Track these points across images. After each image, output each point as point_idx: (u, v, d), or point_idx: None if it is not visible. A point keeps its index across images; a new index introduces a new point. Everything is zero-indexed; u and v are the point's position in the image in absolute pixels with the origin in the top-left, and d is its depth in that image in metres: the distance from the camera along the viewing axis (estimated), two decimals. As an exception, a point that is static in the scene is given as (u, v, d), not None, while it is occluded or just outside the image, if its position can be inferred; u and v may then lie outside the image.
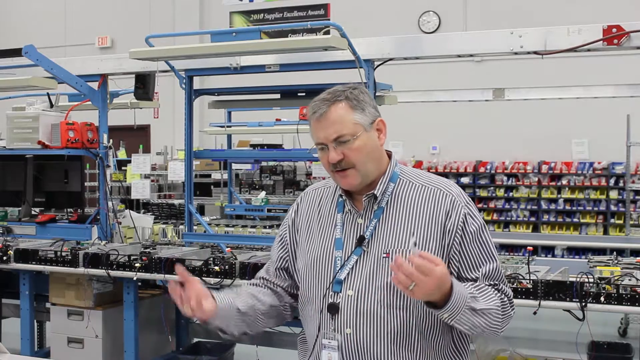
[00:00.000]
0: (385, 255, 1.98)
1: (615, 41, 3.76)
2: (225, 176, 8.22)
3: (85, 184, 6.99)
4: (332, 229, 2.08)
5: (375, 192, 2.04)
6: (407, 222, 2.01)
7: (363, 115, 2.00)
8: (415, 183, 2.07)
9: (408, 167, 2.16)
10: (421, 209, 2.01)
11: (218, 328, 2.10)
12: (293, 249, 2.18)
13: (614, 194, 10.55)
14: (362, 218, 2.05)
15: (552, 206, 10.91)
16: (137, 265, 4.35)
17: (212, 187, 10.48)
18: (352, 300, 1.98)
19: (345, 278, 2.00)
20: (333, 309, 2.00)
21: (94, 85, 5.10)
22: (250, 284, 2.26)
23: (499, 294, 2.01)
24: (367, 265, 2.00)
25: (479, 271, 2.00)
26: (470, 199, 2.08)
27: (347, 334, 1.98)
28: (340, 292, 2.00)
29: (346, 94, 2.01)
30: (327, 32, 4.00)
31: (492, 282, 2.02)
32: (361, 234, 2.02)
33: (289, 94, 5.28)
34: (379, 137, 2.05)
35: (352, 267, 2.01)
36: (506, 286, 2.06)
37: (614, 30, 3.75)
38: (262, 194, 7.13)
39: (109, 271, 4.43)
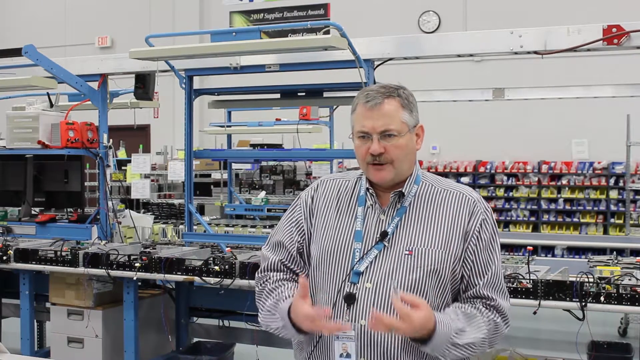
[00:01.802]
0: (407, 252, 2.02)
1: (615, 41, 3.76)
2: (225, 176, 8.21)
3: (85, 183, 6.99)
4: (351, 220, 2.10)
5: (403, 191, 2.08)
6: (430, 222, 2.06)
7: (410, 117, 2.07)
8: (436, 187, 2.13)
9: (427, 172, 2.21)
10: (443, 211, 2.07)
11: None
12: (309, 234, 2.17)
13: (614, 194, 10.55)
14: (384, 214, 2.08)
15: (552, 206, 10.92)
16: (137, 265, 4.35)
17: (212, 187, 10.48)
18: (370, 292, 2.01)
19: (364, 270, 2.02)
20: (350, 299, 2.01)
21: (94, 85, 5.10)
22: (277, 278, 2.17)
23: (491, 316, 2.05)
24: (387, 261, 2.03)
25: (484, 277, 2.06)
26: (488, 206, 2.14)
27: (361, 326, 2.00)
28: (358, 283, 2.02)
29: (399, 92, 2.07)
30: (327, 32, 4.00)
31: (488, 295, 2.05)
32: (383, 229, 2.05)
33: (289, 94, 5.28)
34: (417, 141, 2.12)
35: (372, 261, 2.03)
36: (504, 298, 2.09)
37: (614, 30, 3.75)
38: (262, 193, 7.14)
39: (109, 271, 4.42)
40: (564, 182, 10.84)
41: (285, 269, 2.19)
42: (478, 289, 2.05)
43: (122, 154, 10.18)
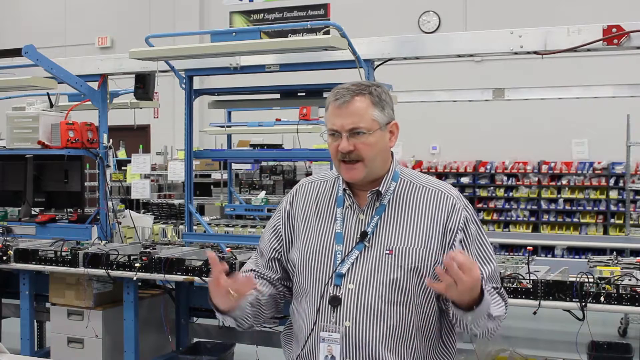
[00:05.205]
0: (388, 252, 2.01)
1: (615, 41, 3.76)
2: (225, 176, 8.21)
3: (85, 184, 6.98)
4: (331, 222, 2.10)
5: (380, 189, 2.07)
6: (409, 221, 2.05)
7: (382, 114, 2.05)
8: (415, 183, 2.11)
9: (405, 168, 2.19)
10: (423, 209, 2.06)
11: (234, 319, 2.10)
12: (288, 240, 2.18)
13: (614, 194, 10.54)
14: (364, 214, 2.07)
15: (552, 206, 10.91)
16: (137, 265, 4.35)
17: (212, 187, 10.48)
18: (352, 294, 2.01)
19: (346, 272, 2.02)
20: (335, 301, 2.01)
21: (94, 85, 5.10)
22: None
23: (501, 299, 2.09)
24: (368, 261, 2.02)
25: (483, 271, 2.05)
26: (468, 201, 2.13)
27: (345, 327, 2.00)
28: (341, 285, 2.02)
29: (370, 90, 2.05)
30: (327, 32, 4.00)
31: (493, 285, 2.09)
32: (363, 229, 2.05)
33: (289, 94, 5.28)
34: (390, 139, 2.10)
35: (354, 262, 2.03)
36: (502, 289, 2.13)
37: (614, 30, 3.75)
38: (262, 194, 7.13)
39: (109, 271, 4.42)
40: (564, 182, 10.83)
41: (256, 276, 2.20)
42: (482, 282, 2.04)
43: (122, 154, 10.18)
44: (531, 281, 3.47)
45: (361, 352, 1.99)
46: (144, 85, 4.99)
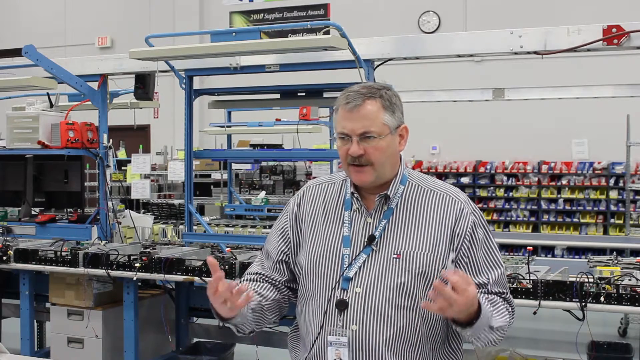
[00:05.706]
0: (395, 256, 2.01)
1: (615, 41, 3.76)
2: (225, 176, 8.22)
3: (85, 184, 6.99)
4: (339, 225, 2.09)
5: (388, 193, 2.06)
6: (417, 225, 2.04)
7: (392, 118, 2.04)
8: (423, 187, 2.11)
9: (414, 171, 2.19)
10: (431, 213, 2.05)
11: (235, 325, 2.09)
12: (295, 243, 2.17)
13: (613, 194, 10.55)
14: (371, 217, 2.06)
15: (552, 206, 10.91)
16: (137, 265, 4.35)
17: (212, 187, 10.48)
18: (359, 297, 2.00)
19: (353, 276, 2.02)
20: (342, 305, 2.01)
21: (94, 85, 5.10)
22: (246, 280, 2.23)
23: (507, 306, 2.08)
24: (376, 265, 2.02)
25: (485, 276, 2.06)
26: (476, 206, 2.12)
27: (352, 331, 2.00)
28: (348, 289, 2.02)
29: (381, 93, 2.03)
30: (327, 32, 4.00)
31: (499, 290, 2.08)
32: (371, 233, 2.04)
33: (288, 94, 5.28)
34: (400, 142, 2.09)
35: (361, 266, 2.02)
36: (509, 294, 2.13)
37: (614, 30, 3.75)
38: (262, 194, 7.13)
39: (109, 271, 4.42)
40: (564, 182, 10.84)
41: (261, 279, 2.20)
42: (488, 288, 2.05)
43: (122, 154, 10.18)
44: (531, 281, 3.47)
45: (367, 356, 1.99)
46: (144, 85, 5.00)
